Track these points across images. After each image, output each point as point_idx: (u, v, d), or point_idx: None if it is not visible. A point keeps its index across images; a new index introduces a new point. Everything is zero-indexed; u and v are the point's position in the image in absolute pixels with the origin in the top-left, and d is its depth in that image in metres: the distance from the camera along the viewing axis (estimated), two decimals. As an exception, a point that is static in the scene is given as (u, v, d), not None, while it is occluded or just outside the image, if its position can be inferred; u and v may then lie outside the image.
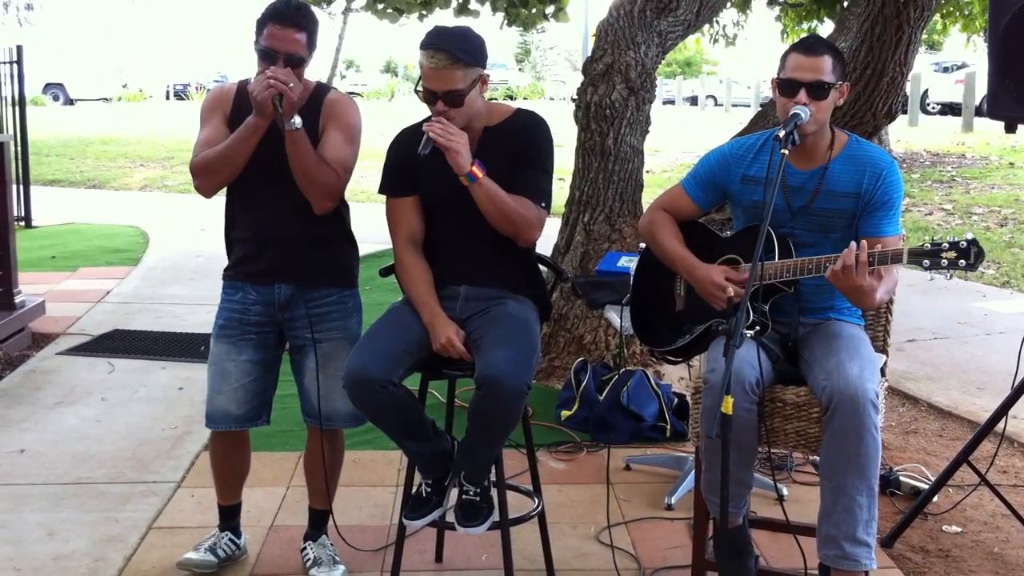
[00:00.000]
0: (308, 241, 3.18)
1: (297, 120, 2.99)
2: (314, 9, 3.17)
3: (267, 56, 3.01)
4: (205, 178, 3.10)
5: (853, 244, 2.81)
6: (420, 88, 3.05)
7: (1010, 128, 3.64)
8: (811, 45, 3.02)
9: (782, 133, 2.84)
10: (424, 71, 3.02)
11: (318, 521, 3.44)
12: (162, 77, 40.78)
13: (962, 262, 2.73)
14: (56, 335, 6.39)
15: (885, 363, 3.26)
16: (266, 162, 3.07)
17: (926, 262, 2.76)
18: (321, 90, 3.21)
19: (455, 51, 2.98)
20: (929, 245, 2.77)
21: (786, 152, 2.82)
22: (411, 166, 3.17)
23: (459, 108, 3.03)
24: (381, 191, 3.28)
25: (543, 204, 3.12)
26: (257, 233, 3.21)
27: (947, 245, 2.74)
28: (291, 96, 2.95)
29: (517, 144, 3.13)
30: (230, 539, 3.42)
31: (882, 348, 3.30)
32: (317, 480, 3.39)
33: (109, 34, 48.62)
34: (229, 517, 3.45)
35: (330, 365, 3.22)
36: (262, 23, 3.03)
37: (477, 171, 3.01)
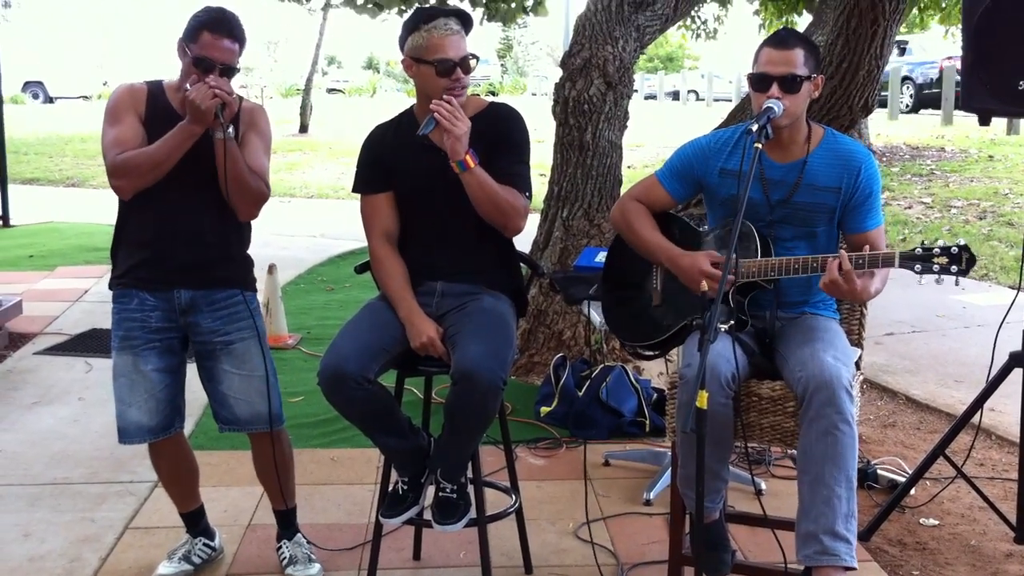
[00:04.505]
0: (208, 242, 3.08)
1: (231, 129, 2.98)
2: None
3: (202, 65, 2.96)
4: (128, 179, 3.02)
5: (843, 254, 2.82)
6: (434, 60, 3.02)
7: (984, 121, 3.65)
8: (782, 38, 3.01)
9: (755, 127, 2.83)
10: (435, 42, 3.01)
11: (285, 521, 3.42)
12: (142, 74, 40.53)
13: (954, 267, 2.74)
14: (33, 334, 6.35)
15: (860, 356, 3.26)
16: (183, 163, 3.00)
17: (918, 267, 2.77)
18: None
19: (461, 18, 3.05)
20: (920, 250, 2.78)
21: (759, 146, 2.81)
22: (386, 163, 3.18)
23: (469, 75, 3.06)
24: (355, 189, 3.26)
25: (527, 194, 3.12)
26: (158, 233, 3.08)
27: (938, 251, 2.75)
28: (233, 107, 2.96)
29: (493, 136, 3.12)
30: (204, 543, 3.39)
31: (857, 342, 3.30)
32: (271, 483, 3.36)
33: (89, 31, 48.32)
34: (194, 523, 3.40)
35: (245, 366, 3.15)
36: (196, 30, 2.98)
37: (470, 160, 2.98)
